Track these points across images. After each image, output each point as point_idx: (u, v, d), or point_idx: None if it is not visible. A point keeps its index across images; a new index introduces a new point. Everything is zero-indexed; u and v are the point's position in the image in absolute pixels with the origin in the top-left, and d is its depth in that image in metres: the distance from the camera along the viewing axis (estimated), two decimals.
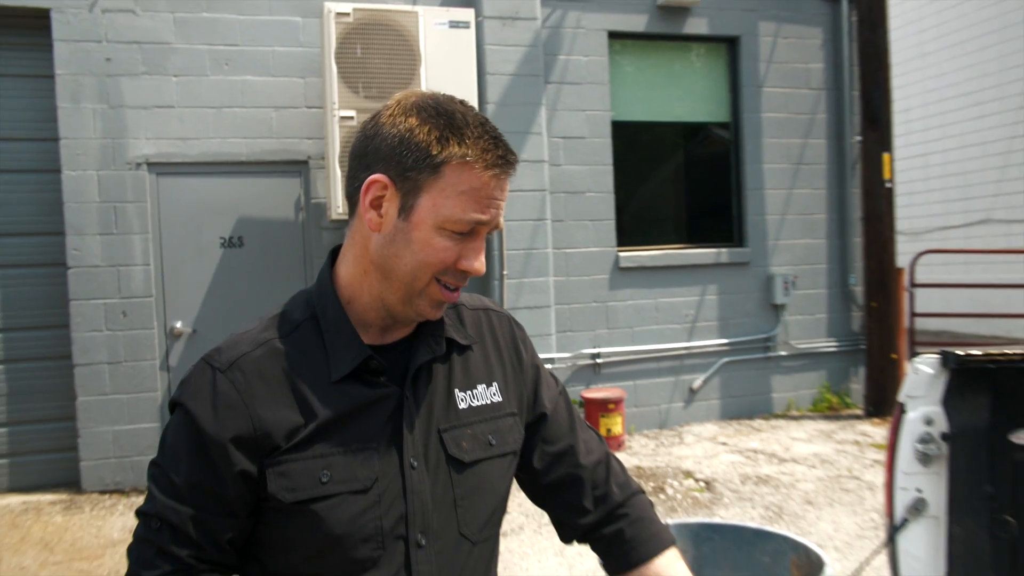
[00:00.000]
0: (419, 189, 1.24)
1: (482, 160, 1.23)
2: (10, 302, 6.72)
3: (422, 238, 1.25)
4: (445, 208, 1.24)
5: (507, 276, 7.50)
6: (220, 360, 1.29)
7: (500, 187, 1.27)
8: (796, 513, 5.84)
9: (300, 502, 1.25)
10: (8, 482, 6.73)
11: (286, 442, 1.25)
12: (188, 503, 1.24)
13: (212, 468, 1.24)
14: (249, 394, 1.26)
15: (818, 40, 8.85)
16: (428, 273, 1.27)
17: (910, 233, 14.22)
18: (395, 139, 1.26)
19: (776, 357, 8.71)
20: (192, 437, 1.25)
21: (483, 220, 1.26)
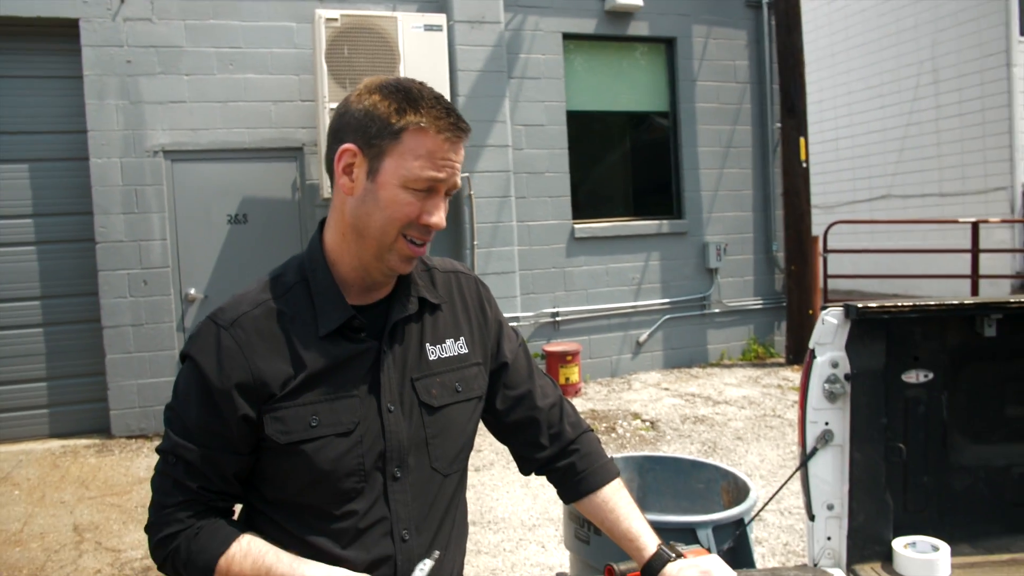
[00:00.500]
0: (383, 154, 1.25)
1: (435, 126, 1.24)
2: (47, 273, 6.65)
3: (388, 196, 1.26)
4: (405, 168, 1.25)
5: (477, 246, 7.49)
6: (223, 318, 1.29)
7: (454, 150, 1.28)
8: (728, 447, 5.92)
9: (293, 443, 1.26)
10: (49, 429, 6.70)
11: (280, 390, 1.27)
12: (197, 442, 1.26)
13: (217, 412, 1.25)
14: (248, 348, 1.27)
15: (743, 41, 8.86)
16: (395, 227, 1.27)
17: (824, 207, 14.34)
18: (361, 113, 1.27)
19: (711, 314, 8.78)
20: (200, 385, 1.27)
21: (439, 178, 1.26)
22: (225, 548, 1.24)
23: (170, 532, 1.26)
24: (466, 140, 1.31)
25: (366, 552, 1.30)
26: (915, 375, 2.27)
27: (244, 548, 1.24)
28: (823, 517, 2.28)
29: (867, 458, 2.24)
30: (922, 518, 2.31)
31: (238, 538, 1.26)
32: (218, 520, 1.29)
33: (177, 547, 1.26)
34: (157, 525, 1.28)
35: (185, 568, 1.26)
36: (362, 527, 1.30)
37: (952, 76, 12.62)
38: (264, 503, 1.33)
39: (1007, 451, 2.33)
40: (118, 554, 4.45)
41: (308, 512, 1.30)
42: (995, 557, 2.26)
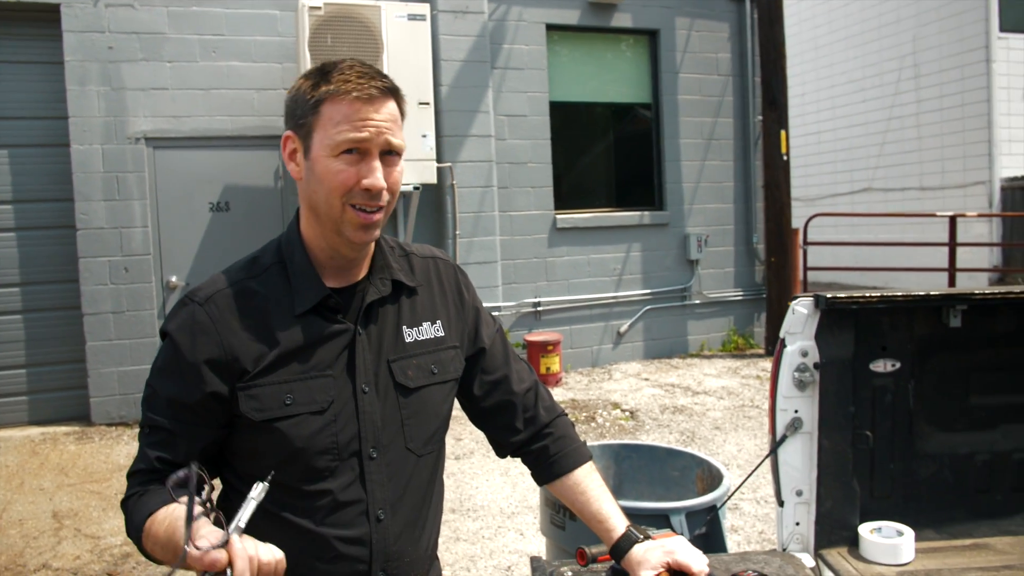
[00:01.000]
0: (310, 130, 1.29)
1: (345, 92, 1.26)
2: (27, 260, 6.61)
3: (321, 168, 1.28)
4: (327, 137, 1.27)
5: (459, 235, 7.51)
6: (199, 296, 1.31)
7: (373, 109, 1.27)
8: (706, 437, 5.97)
9: (267, 420, 1.28)
10: (28, 416, 6.66)
11: (253, 367, 1.28)
12: (167, 415, 1.28)
13: (187, 387, 1.27)
14: (222, 323, 1.28)
15: (726, 34, 8.89)
16: (336, 197, 1.28)
17: (805, 199, 14.44)
18: (290, 99, 1.33)
19: (691, 305, 8.84)
20: (172, 360, 1.29)
21: (361, 138, 1.26)
22: (156, 508, 1.23)
23: (126, 496, 1.30)
24: (388, 98, 1.31)
25: (342, 530, 1.32)
26: (883, 364, 2.31)
27: (169, 510, 1.22)
28: (792, 503, 2.32)
29: (835, 445, 2.29)
30: (888, 504, 2.36)
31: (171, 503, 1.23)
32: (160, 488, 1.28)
33: (127, 512, 1.29)
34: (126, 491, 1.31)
35: (130, 528, 1.28)
36: (337, 506, 1.32)
37: (933, 71, 12.72)
38: (237, 479, 1.35)
39: (971, 439, 2.39)
40: (97, 541, 4.45)
41: (281, 489, 1.30)
42: (958, 542, 2.31)
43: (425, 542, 1.44)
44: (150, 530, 1.23)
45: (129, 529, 1.28)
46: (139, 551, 1.29)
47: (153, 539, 1.22)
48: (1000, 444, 2.39)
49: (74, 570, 4.10)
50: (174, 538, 1.16)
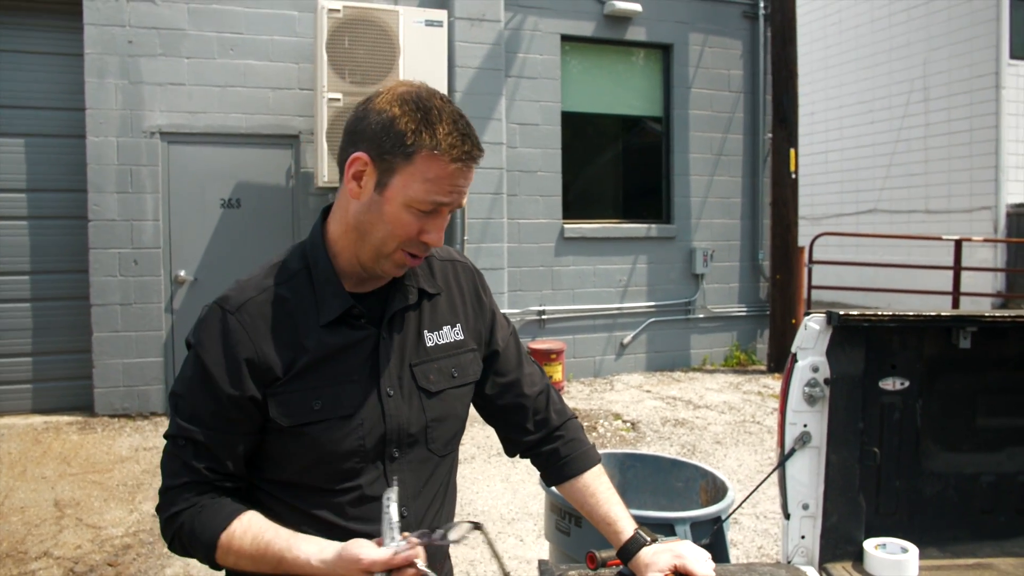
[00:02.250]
0: (393, 170, 1.27)
1: (448, 154, 1.25)
2: (38, 249, 6.65)
3: (392, 212, 1.28)
4: (412, 190, 1.26)
5: (467, 241, 7.54)
6: (230, 304, 1.32)
7: (464, 176, 1.29)
8: (707, 451, 5.99)
9: (296, 425, 1.30)
10: (32, 404, 6.69)
11: (283, 374, 1.30)
12: (206, 425, 1.30)
13: (224, 395, 1.29)
14: (254, 331, 1.30)
15: (739, 51, 8.94)
16: (394, 242, 1.30)
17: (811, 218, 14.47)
18: (379, 124, 1.27)
19: (695, 319, 8.86)
20: (207, 370, 1.30)
21: (444, 202, 1.28)
22: (227, 524, 1.28)
23: (177, 511, 1.30)
24: (478, 164, 1.33)
25: (367, 524, 1.34)
26: (892, 382, 2.34)
27: (245, 525, 1.28)
28: (798, 516, 2.34)
29: (842, 461, 2.31)
30: (893, 521, 2.38)
31: (240, 515, 1.29)
32: (223, 498, 1.33)
33: (182, 524, 1.29)
34: (165, 505, 1.32)
35: (190, 544, 1.30)
36: (363, 503, 1.35)
37: (942, 95, 12.77)
38: (266, 482, 1.37)
39: (977, 460, 2.41)
40: (99, 531, 4.47)
41: (309, 490, 1.34)
42: (961, 561, 2.33)
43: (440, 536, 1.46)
44: (231, 546, 1.27)
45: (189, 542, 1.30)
46: (204, 563, 1.32)
47: (237, 553, 1.27)
48: (1006, 466, 2.41)
49: (75, 559, 4.12)
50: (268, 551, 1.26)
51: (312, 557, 1.24)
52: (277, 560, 1.25)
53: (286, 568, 1.25)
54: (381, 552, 1.19)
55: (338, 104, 6.36)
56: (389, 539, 1.22)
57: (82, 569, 4.02)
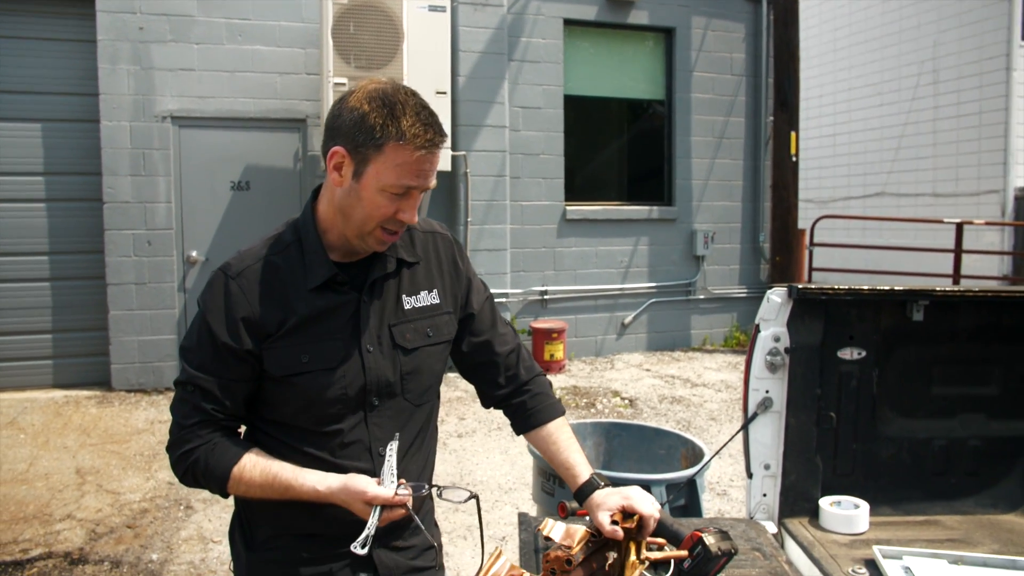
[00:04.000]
0: (367, 160, 1.45)
1: (413, 143, 1.43)
2: (55, 230, 6.89)
3: (368, 197, 1.46)
4: (384, 177, 1.44)
5: (471, 223, 7.73)
6: (231, 270, 1.53)
7: (428, 161, 1.46)
8: (701, 427, 6.17)
9: (287, 375, 1.51)
10: (52, 379, 6.96)
11: (276, 331, 1.50)
12: (212, 373, 1.51)
13: (226, 348, 1.49)
14: (251, 294, 1.51)
15: (741, 34, 9.04)
16: (373, 222, 1.48)
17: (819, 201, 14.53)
18: (352, 121, 1.45)
19: (695, 300, 9.02)
20: (210, 327, 1.51)
21: (413, 185, 1.46)
22: (238, 459, 1.51)
23: (190, 448, 1.52)
24: (441, 149, 1.52)
25: (352, 461, 1.56)
26: (849, 352, 2.53)
27: (253, 459, 1.51)
28: (760, 475, 2.54)
29: (801, 424, 2.50)
30: (850, 481, 2.57)
31: (248, 451, 1.53)
32: (231, 437, 1.56)
33: (196, 459, 1.51)
34: (178, 443, 1.54)
35: (204, 477, 1.52)
36: (346, 443, 1.57)
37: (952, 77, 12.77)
38: (263, 423, 1.60)
39: (930, 426, 2.60)
40: (118, 496, 4.72)
41: (300, 431, 1.56)
42: (912, 518, 2.53)
43: (416, 476, 1.67)
44: (242, 477, 1.50)
45: (203, 474, 1.51)
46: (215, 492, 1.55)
47: (248, 483, 1.50)
48: (957, 431, 2.60)
49: (96, 521, 4.37)
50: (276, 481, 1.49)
51: (317, 484, 1.48)
52: (284, 487, 1.49)
53: (292, 494, 1.49)
54: (384, 490, 1.44)
55: (344, 89, 6.53)
56: (389, 482, 1.47)
57: (103, 530, 4.27)
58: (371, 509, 1.45)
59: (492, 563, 1.59)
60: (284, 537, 1.59)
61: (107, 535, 4.22)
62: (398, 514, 1.47)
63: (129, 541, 4.16)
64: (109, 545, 4.11)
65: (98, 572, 3.83)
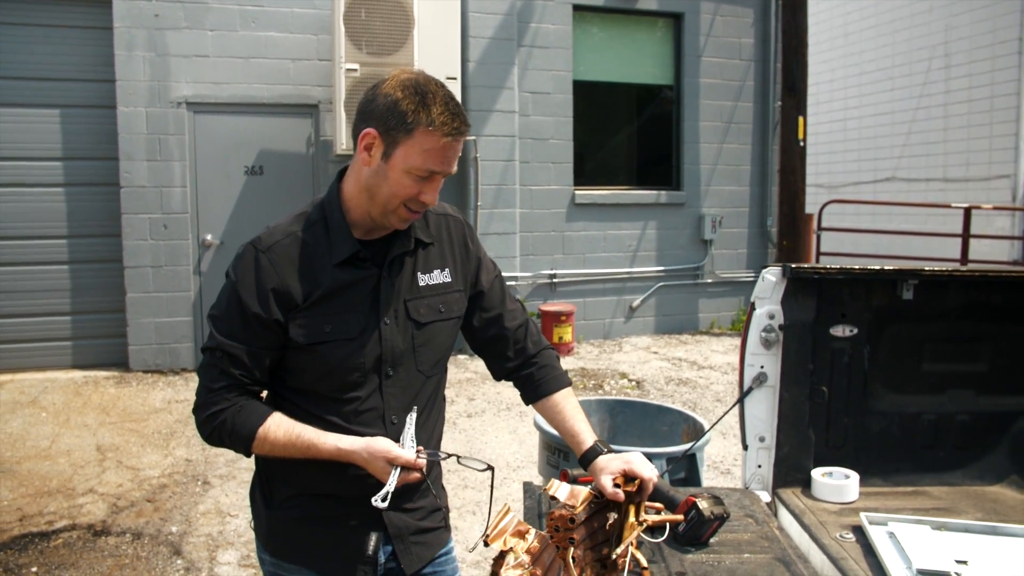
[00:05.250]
0: (396, 143, 1.56)
1: (441, 130, 1.54)
2: (73, 214, 7.04)
3: (395, 177, 1.57)
4: (412, 159, 1.56)
5: (480, 207, 7.83)
6: (262, 244, 1.63)
7: (453, 148, 1.58)
8: (707, 408, 6.27)
9: (310, 344, 1.62)
10: (71, 360, 7.13)
11: (303, 302, 1.61)
12: (240, 340, 1.61)
13: (255, 317, 1.60)
14: (280, 267, 1.61)
15: (749, 19, 9.07)
16: (397, 200, 1.59)
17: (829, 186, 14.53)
18: (385, 106, 1.56)
19: (703, 284, 9.11)
20: (240, 297, 1.60)
21: (437, 170, 1.58)
22: (263, 420, 1.62)
23: (217, 409, 1.63)
24: (465, 138, 1.64)
25: (367, 428, 1.68)
26: (841, 329, 2.63)
27: (278, 421, 1.63)
28: (755, 447, 2.65)
29: (794, 398, 2.61)
30: (841, 453, 2.68)
31: (272, 414, 1.64)
32: (255, 400, 1.68)
33: (224, 420, 1.63)
34: (205, 405, 1.65)
35: (231, 437, 1.63)
36: (361, 410, 1.68)
37: (964, 61, 12.72)
38: (285, 389, 1.71)
39: (919, 401, 2.70)
40: (137, 472, 4.88)
41: (320, 397, 1.68)
42: (900, 489, 2.64)
43: (427, 442, 1.79)
44: (267, 437, 1.61)
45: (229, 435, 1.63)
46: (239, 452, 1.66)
47: (272, 443, 1.62)
48: (946, 406, 2.70)
49: (117, 496, 4.53)
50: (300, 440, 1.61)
51: (339, 442, 1.61)
52: (307, 446, 1.61)
53: (314, 452, 1.61)
54: (405, 452, 1.59)
55: (355, 74, 6.63)
56: (408, 447, 1.62)
57: (124, 504, 4.43)
58: (391, 469, 1.57)
59: (501, 518, 1.72)
60: (302, 497, 1.70)
61: (128, 508, 4.38)
62: (414, 477, 1.61)
63: (149, 514, 4.31)
64: (130, 518, 4.26)
65: (120, 543, 3.98)
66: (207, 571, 3.72)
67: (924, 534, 2.14)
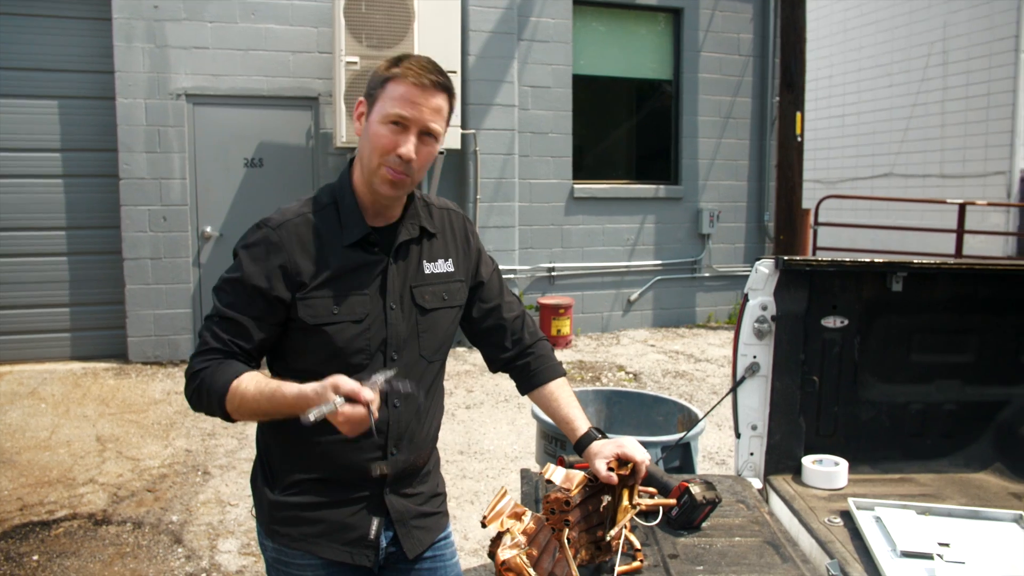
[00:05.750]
0: (375, 99, 1.65)
1: (407, 77, 1.62)
2: (72, 206, 7.08)
3: (372, 130, 1.63)
4: (383, 107, 1.62)
5: (480, 200, 7.88)
6: (272, 223, 1.67)
7: (423, 96, 1.62)
8: (703, 400, 6.34)
9: (318, 325, 1.65)
10: (70, 352, 7.19)
11: (310, 282, 1.64)
12: (238, 311, 1.64)
13: (258, 292, 1.63)
14: (289, 245, 1.64)
15: (748, 15, 9.13)
16: (376, 155, 1.63)
17: (827, 182, 14.60)
18: (372, 77, 1.68)
19: (700, 277, 9.18)
20: (246, 271, 1.63)
21: (405, 115, 1.61)
22: (236, 376, 1.62)
23: (201, 367, 1.65)
24: (439, 92, 1.67)
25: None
26: (832, 320, 2.69)
27: (250, 377, 1.61)
28: (747, 436, 2.72)
29: (785, 387, 2.67)
30: (831, 441, 2.75)
31: (247, 371, 1.63)
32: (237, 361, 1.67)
33: (203, 379, 1.64)
34: (191, 366, 1.68)
35: (207, 393, 1.63)
36: None
37: (961, 58, 12.78)
38: (288, 371, 1.73)
39: (908, 390, 2.77)
40: (137, 462, 4.94)
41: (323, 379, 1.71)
42: (888, 476, 2.71)
43: (427, 427, 1.84)
44: (236, 390, 1.59)
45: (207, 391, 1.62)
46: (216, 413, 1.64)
47: (241, 396, 1.59)
48: (934, 396, 2.77)
49: (118, 486, 4.59)
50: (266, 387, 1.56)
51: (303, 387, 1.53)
52: (271, 391, 1.57)
53: (278, 397, 1.55)
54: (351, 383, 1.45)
55: (355, 67, 6.68)
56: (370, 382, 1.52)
57: (124, 494, 4.49)
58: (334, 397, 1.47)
59: (497, 501, 1.77)
60: (304, 482, 1.74)
61: (128, 498, 4.44)
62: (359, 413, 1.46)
63: (150, 504, 4.37)
64: (131, 508, 4.32)
65: (121, 532, 4.04)
66: (208, 559, 3.78)
67: (909, 518, 2.21)
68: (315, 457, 1.71)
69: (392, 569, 1.84)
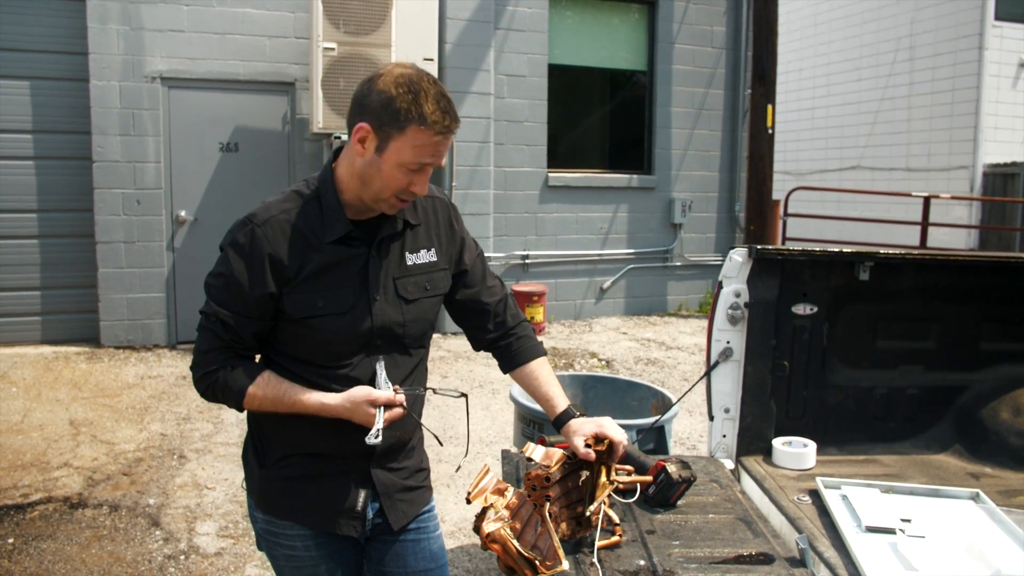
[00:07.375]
0: (389, 138, 1.65)
1: (432, 128, 1.63)
2: (45, 188, 7.00)
3: (387, 170, 1.66)
4: (403, 154, 1.64)
5: (455, 187, 7.91)
6: (257, 219, 1.70)
7: (443, 144, 1.67)
8: (675, 387, 6.44)
9: (304, 317, 1.71)
10: (41, 336, 7.12)
11: (295, 276, 1.69)
12: (231, 309, 1.70)
13: (247, 289, 1.68)
14: (274, 241, 1.69)
15: (721, 8, 9.21)
16: (389, 191, 1.68)
17: (796, 174, 14.83)
18: (379, 103, 1.64)
19: (672, 266, 9.29)
20: (233, 268, 1.68)
21: (428, 163, 1.67)
22: (255, 378, 1.74)
23: (211, 369, 1.75)
24: (455, 133, 1.74)
25: None
26: (802, 308, 2.78)
27: (267, 378, 1.74)
28: (720, 418, 2.81)
29: (757, 372, 2.76)
30: (800, 424, 2.85)
31: (263, 372, 1.76)
32: (248, 361, 1.79)
33: (217, 379, 1.74)
34: (200, 364, 1.76)
35: (224, 393, 1.75)
36: (352, 379, 1.78)
37: (927, 55, 13.02)
38: (279, 356, 1.82)
39: (874, 376, 2.88)
40: (112, 446, 4.93)
41: (312, 365, 1.78)
42: (854, 457, 2.81)
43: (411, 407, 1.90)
44: (256, 393, 1.73)
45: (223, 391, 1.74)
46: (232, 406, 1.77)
47: (261, 399, 1.73)
48: (898, 381, 2.88)
49: (93, 469, 4.58)
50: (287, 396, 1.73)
51: (323, 397, 1.72)
52: (293, 402, 1.73)
53: (300, 407, 1.72)
54: (384, 392, 1.71)
55: (332, 53, 6.66)
56: (385, 388, 1.74)
57: (100, 477, 4.49)
58: (375, 411, 1.69)
59: (480, 478, 1.84)
60: (295, 456, 1.81)
61: (104, 482, 4.44)
62: (397, 413, 1.72)
63: (126, 487, 4.37)
64: (107, 491, 4.32)
65: (98, 515, 4.04)
66: (186, 541, 3.81)
67: (873, 496, 2.31)
68: (305, 432, 1.78)
69: (377, 540, 1.91)
